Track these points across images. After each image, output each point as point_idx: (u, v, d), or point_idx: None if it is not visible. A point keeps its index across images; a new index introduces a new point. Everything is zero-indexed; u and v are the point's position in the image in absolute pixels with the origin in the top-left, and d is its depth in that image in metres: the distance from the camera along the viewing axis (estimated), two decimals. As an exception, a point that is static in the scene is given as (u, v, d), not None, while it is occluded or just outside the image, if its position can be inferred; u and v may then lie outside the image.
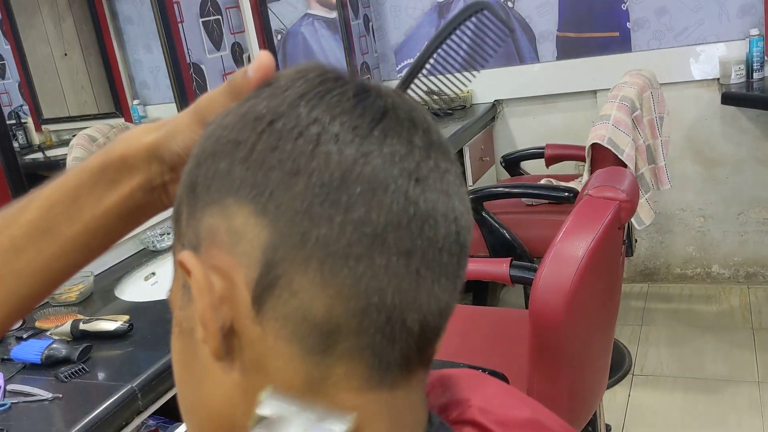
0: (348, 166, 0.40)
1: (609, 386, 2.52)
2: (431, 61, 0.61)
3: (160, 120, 0.53)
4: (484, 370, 1.45)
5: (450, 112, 3.14)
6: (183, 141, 0.50)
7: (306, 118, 0.41)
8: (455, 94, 0.62)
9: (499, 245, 2.44)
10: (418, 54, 0.62)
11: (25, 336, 1.46)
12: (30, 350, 1.35)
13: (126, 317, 1.44)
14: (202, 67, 2.33)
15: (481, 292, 2.78)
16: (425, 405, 0.46)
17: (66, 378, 1.28)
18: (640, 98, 2.36)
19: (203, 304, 0.40)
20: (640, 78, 2.43)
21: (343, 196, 0.39)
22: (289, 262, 0.39)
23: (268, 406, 0.40)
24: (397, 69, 3.46)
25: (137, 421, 1.23)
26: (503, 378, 1.44)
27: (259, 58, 0.46)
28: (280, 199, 0.40)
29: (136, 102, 2.18)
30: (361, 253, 0.39)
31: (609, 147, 2.19)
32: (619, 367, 2.63)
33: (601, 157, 2.24)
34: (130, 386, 1.21)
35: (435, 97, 0.62)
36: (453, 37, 0.62)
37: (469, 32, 0.63)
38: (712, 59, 2.94)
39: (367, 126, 0.41)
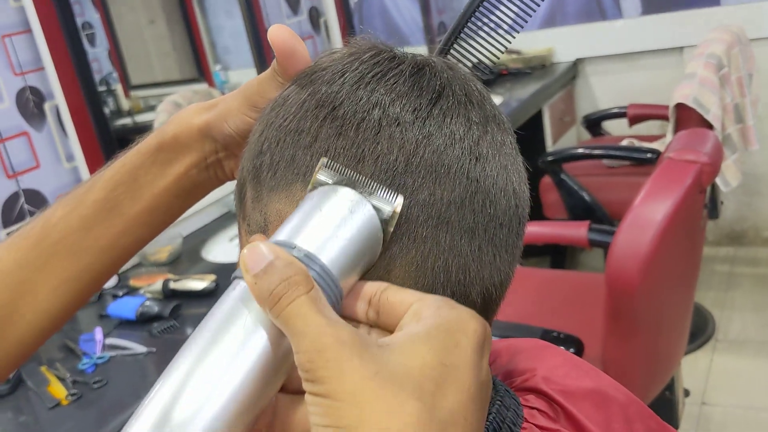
0: (411, 149, 0.41)
1: (691, 351, 2.47)
2: (477, 22, 0.59)
3: (211, 99, 0.55)
4: (559, 334, 1.46)
5: (528, 71, 3.09)
6: (235, 123, 0.52)
7: (366, 103, 0.42)
8: (496, 57, 0.59)
9: (579, 208, 2.41)
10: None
11: (120, 294, 1.55)
12: (125, 307, 1.44)
13: (212, 277, 1.51)
14: (282, 32, 2.36)
15: (559, 255, 2.75)
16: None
17: (159, 333, 1.36)
18: (728, 55, 2.27)
19: None
20: (728, 34, 2.33)
21: (408, 179, 0.41)
22: None
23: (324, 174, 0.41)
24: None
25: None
26: (578, 342, 1.45)
27: (271, 34, 0.47)
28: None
29: (218, 67, 2.24)
30: (427, 233, 0.41)
31: (694, 107, 2.12)
32: (702, 331, 2.57)
33: (686, 117, 2.17)
34: (217, 343, 1.28)
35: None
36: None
37: None
38: (808, 13, 2.78)
39: (426, 106, 0.42)
